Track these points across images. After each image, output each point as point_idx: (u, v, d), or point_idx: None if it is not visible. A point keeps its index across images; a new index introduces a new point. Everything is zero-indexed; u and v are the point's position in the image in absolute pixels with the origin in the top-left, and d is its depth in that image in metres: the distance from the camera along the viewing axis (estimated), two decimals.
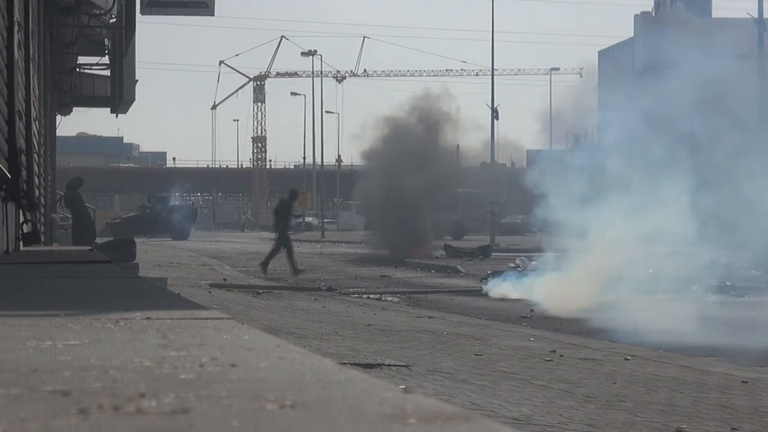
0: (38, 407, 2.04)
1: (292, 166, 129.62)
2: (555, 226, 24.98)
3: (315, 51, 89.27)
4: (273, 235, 30.35)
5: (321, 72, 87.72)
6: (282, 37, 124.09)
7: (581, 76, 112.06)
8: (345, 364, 7.17)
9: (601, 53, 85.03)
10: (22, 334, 3.34)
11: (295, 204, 30.42)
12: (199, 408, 2.03)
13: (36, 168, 18.50)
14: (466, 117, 46.42)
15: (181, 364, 2.64)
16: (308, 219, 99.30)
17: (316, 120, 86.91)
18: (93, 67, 28.97)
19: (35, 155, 18.39)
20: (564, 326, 14.24)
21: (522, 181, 28.03)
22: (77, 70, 28.00)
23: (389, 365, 8.61)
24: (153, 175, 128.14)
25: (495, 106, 50.65)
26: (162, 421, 1.91)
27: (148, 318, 3.90)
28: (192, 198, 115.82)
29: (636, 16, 78.12)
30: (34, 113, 17.69)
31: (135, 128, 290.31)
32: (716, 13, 77.58)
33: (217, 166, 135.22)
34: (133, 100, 27.55)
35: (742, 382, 8.55)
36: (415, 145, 41.00)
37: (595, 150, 26.55)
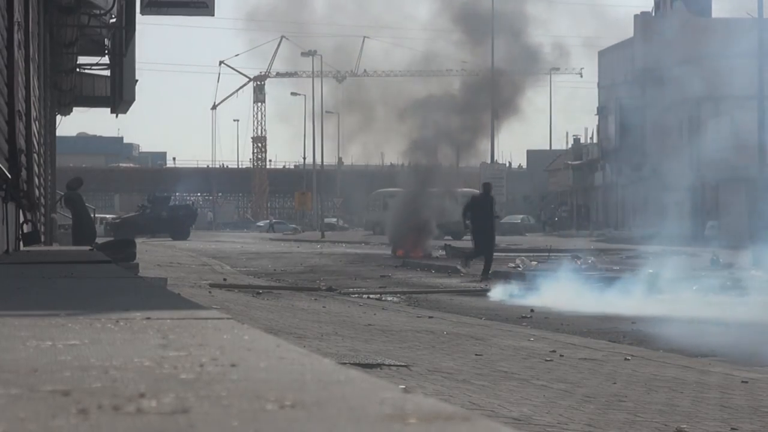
0: (38, 407, 2.04)
1: (292, 166, 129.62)
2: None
3: (315, 51, 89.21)
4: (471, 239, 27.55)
5: (321, 72, 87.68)
6: (282, 37, 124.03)
7: (581, 76, 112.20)
8: (345, 364, 7.17)
9: (601, 53, 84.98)
10: (22, 334, 3.34)
11: (491, 198, 27.21)
12: (199, 408, 2.03)
13: (36, 168, 18.51)
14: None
15: (181, 364, 2.64)
16: (333, 220, 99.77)
17: (316, 120, 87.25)
18: (93, 67, 28.98)
19: (35, 155, 18.40)
20: (564, 326, 14.24)
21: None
22: (77, 70, 28.01)
23: (389, 365, 8.60)
24: (153, 175, 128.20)
25: (495, 106, 50.64)
26: (162, 421, 1.92)
27: (148, 318, 3.90)
28: (192, 198, 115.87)
29: (636, 16, 78.06)
30: (34, 113, 17.69)
31: (135, 128, 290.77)
32: (716, 13, 77.54)
33: (217, 166, 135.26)
34: (133, 100, 27.55)
35: (742, 382, 8.55)
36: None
37: None
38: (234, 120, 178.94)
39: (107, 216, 77.03)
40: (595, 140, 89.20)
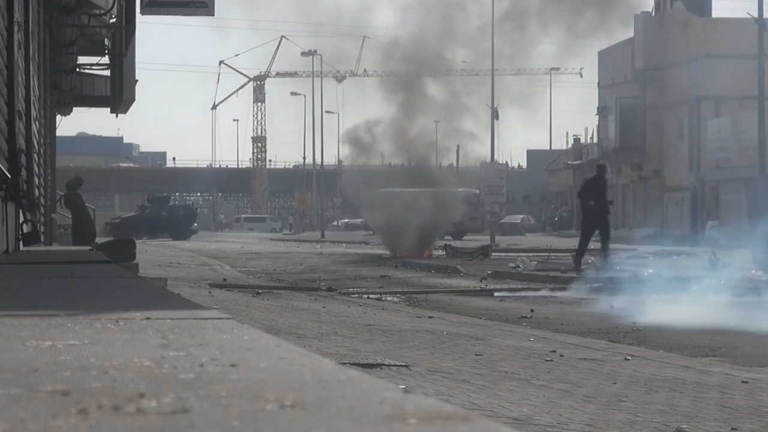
0: (38, 407, 2.04)
1: (292, 166, 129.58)
2: None
3: (315, 51, 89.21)
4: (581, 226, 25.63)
5: (321, 72, 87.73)
6: (282, 37, 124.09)
7: (581, 76, 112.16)
8: (345, 364, 7.17)
9: (601, 53, 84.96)
10: (22, 334, 3.34)
11: (605, 182, 25.28)
12: (199, 408, 2.03)
13: (36, 168, 18.51)
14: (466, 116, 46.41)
15: (181, 364, 2.63)
16: (358, 221, 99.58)
17: (316, 120, 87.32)
18: (93, 67, 28.98)
19: (35, 155, 18.40)
20: (564, 326, 14.24)
21: None
22: (77, 70, 28.01)
23: (389, 365, 8.60)
24: (153, 175, 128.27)
25: (495, 106, 50.64)
26: (162, 421, 1.92)
27: (148, 318, 3.90)
28: (192, 198, 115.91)
29: (636, 16, 78.02)
30: (34, 113, 17.69)
31: (135, 128, 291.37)
32: (716, 13, 77.52)
33: (217, 166, 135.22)
34: (133, 100, 27.55)
35: (742, 382, 8.55)
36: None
37: None
38: (234, 120, 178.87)
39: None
40: (595, 140, 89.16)
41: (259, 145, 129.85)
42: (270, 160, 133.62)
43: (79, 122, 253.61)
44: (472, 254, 35.03)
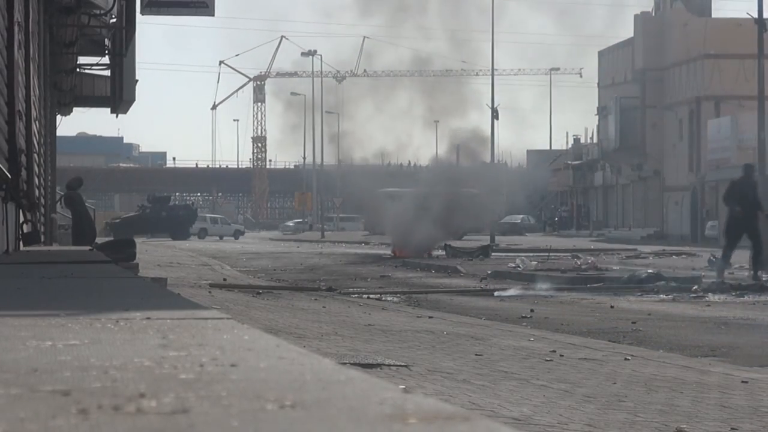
0: (38, 407, 2.04)
1: (292, 166, 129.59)
2: None
3: (315, 51, 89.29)
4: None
5: (321, 72, 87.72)
6: (282, 37, 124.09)
7: (581, 76, 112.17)
8: (345, 364, 7.17)
9: (601, 53, 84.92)
10: (22, 334, 3.34)
11: (754, 183, 22.84)
12: (199, 408, 2.02)
13: (36, 168, 18.51)
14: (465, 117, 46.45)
15: (181, 364, 2.63)
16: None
17: (316, 120, 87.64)
18: (93, 67, 28.97)
19: (35, 155, 18.40)
20: (564, 326, 14.24)
21: None
22: (77, 70, 28.00)
23: (389, 365, 8.60)
24: (153, 175, 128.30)
25: (495, 106, 50.64)
26: (162, 421, 1.91)
27: (148, 318, 3.90)
28: (192, 198, 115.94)
29: (636, 16, 77.99)
30: (34, 113, 17.69)
31: (135, 128, 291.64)
32: (716, 13, 77.51)
33: (217, 166, 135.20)
34: (133, 100, 27.55)
35: (742, 382, 8.55)
36: None
37: None
38: (234, 120, 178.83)
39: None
40: (595, 140, 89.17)
41: (259, 145, 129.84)
42: (270, 160, 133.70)
43: (79, 122, 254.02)
44: (472, 254, 35.05)
